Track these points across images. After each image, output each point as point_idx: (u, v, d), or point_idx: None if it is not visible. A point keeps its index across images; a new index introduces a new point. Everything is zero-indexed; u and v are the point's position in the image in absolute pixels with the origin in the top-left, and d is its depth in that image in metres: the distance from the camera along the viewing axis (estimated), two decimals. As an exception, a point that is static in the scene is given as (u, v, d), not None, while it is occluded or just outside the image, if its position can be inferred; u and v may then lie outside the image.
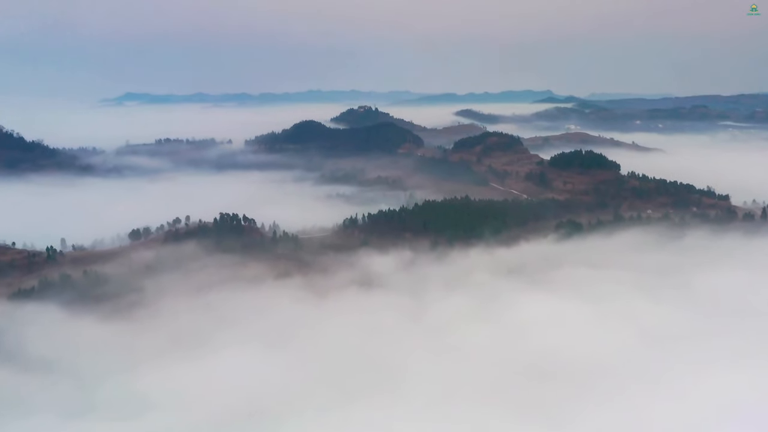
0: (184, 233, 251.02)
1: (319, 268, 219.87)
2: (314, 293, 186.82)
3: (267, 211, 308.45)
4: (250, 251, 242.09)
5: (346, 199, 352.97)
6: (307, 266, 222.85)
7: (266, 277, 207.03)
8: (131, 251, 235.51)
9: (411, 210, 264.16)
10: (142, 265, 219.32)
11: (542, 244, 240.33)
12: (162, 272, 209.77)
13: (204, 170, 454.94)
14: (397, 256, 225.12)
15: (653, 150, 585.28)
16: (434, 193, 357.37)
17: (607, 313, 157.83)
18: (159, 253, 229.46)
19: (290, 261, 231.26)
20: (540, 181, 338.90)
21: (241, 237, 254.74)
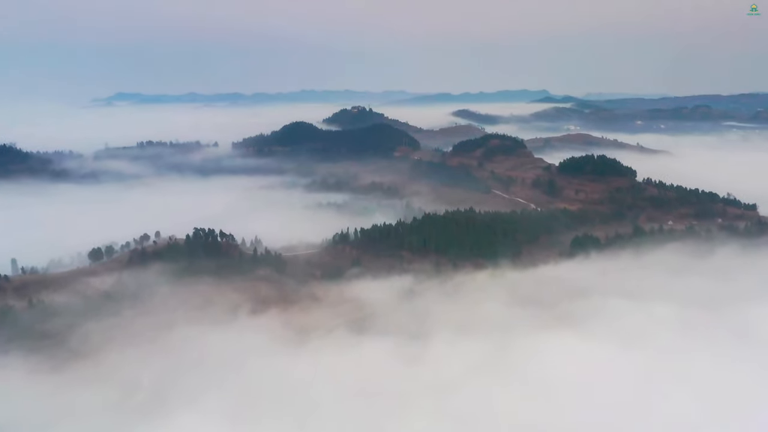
0: (152, 253, 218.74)
1: (303, 298, 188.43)
2: (295, 334, 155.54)
3: (250, 222, 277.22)
4: (225, 274, 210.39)
5: (337, 208, 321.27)
6: (289, 296, 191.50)
7: (240, 311, 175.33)
8: (89, 276, 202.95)
9: (409, 225, 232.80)
10: (98, 293, 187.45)
11: (560, 265, 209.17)
12: (120, 303, 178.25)
13: (186, 176, 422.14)
14: (394, 284, 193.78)
15: (659, 152, 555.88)
16: (433, 202, 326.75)
17: (655, 365, 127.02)
18: (120, 278, 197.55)
19: (270, 287, 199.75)
20: (549, 189, 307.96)
21: (217, 256, 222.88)
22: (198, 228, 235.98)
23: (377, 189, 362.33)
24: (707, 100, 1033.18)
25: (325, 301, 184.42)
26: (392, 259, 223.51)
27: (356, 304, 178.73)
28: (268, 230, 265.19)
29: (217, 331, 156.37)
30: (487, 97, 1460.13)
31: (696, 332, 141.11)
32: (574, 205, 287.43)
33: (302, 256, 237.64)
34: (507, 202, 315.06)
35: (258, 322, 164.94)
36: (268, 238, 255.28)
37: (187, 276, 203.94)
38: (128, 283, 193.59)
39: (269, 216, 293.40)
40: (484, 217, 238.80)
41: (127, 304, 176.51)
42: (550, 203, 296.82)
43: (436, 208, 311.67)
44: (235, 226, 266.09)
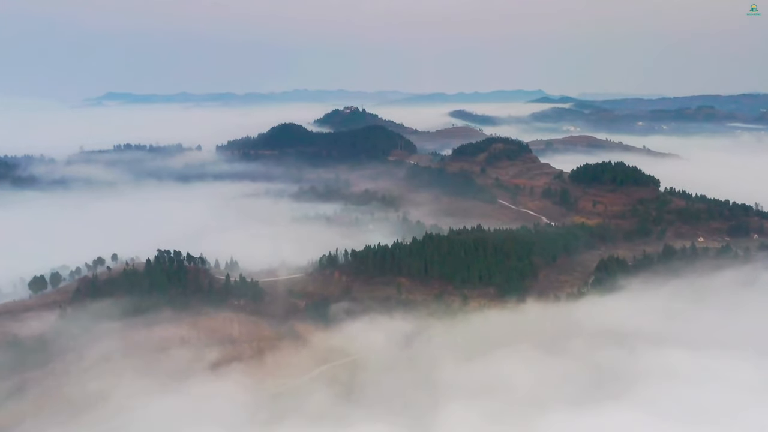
0: (104, 282, 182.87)
1: (280, 345, 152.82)
2: (266, 401, 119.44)
3: (228, 239, 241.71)
4: (190, 308, 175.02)
5: (327, 221, 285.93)
6: (262, 341, 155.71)
7: (199, 365, 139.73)
8: (23, 312, 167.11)
9: (407, 246, 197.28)
10: (31, 339, 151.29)
11: (586, 296, 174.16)
12: (49, 354, 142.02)
13: (164, 183, 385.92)
14: (390, 325, 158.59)
15: (668, 155, 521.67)
16: (433, 215, 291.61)
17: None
18: (58, 318, 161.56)
19: (242, 328, 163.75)
20: (562, 200, 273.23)
21: (182, 285, 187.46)
22: (162, 250, 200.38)
23: (371, 198, 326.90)
24: (707, 101, 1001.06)
25: (307, 349, 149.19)
26: (388, 287, 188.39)
27: (343, 358, 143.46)
28: (247, 249, 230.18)
29: (169, 397, 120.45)
30: (482, 97, 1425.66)
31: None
32: (593, 219, 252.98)
33: (284, 282, 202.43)
34: (515, 214, 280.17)
35: (221, 382, 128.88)
36: (246, 258, 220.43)
37: (141, 313, 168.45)
38: (66, 326, 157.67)
39: (250, 231, 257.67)
40: (494, 237, 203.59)
41: (58, 355, 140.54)
42: (565, 216, 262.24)
43: (436, 221, 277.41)
44: (209, 245, 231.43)
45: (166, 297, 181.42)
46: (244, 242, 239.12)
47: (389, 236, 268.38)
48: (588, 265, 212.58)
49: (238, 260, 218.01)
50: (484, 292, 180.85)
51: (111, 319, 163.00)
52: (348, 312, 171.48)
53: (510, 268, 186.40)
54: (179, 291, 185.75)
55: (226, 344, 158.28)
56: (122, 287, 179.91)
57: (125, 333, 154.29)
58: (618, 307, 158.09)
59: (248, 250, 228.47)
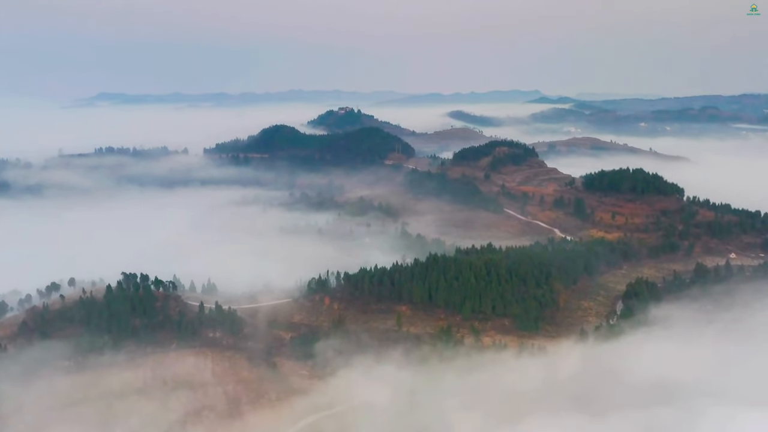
0: (55, 314, 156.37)
1: (260, 390, 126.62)
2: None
3: (208, 256, 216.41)
4: (153, 347, 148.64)
5: (318, 233, 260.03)
6: (239, 390, 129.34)
7: (163, 418, 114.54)
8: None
9: (409, 269, 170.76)
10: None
11: (619, 331, 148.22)
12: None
13: (145, 189, 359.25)
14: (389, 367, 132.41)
15: (676, 159, 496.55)
16: (434, 226, 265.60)
17: None
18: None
19: (215, 372, 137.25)
20: (576, 211, 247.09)
21: (148, 316, 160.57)
22: (127, 274, 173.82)
23: (367, 207, 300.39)
24: (708, 101, 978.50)
25: (291, 395, 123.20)
26: (386, 317, 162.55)
27: (332, 408, 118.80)
28: (228, 268, 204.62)
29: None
30: (479, 98, 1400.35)
31: None
32: (612, 232, 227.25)
33: (268, 309, 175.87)
34: (525, 226, 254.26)
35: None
36: (226, 280, 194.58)
37: (98, 351, 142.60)
38: (5, 370, 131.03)
39: (233, 246, 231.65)
40: (508, 258, 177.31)
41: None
42: (580, 229, 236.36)
43: (439, 234, 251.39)
44: (186, 263, 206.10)
45: (128, 330, 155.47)
46: (225, 260, 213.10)
47: (387, 251, 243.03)
48: (612, 287, 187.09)
49: (217, 282, 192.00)
50: (498, 325, 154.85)
51: (60, 359, 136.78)
52: (339, 350, 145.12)
53: (527, 295, 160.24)
54: (145, 323, 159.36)
55: (196, 389, 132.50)
56: (77, 320, 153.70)
57: (75, 378, 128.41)
58: (658, 348, 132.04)
59: (229, 270, 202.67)
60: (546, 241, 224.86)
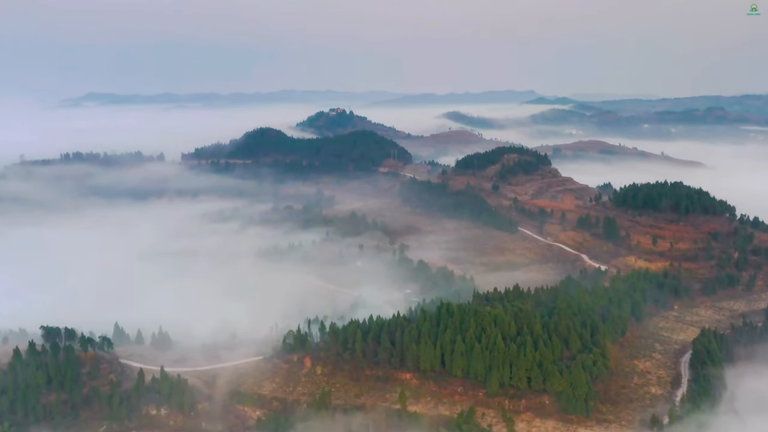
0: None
1: None
2: None
3: (163, 296, 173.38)
4: None
5: (303, 258, 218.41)
6: None
7: None
8: None
9: (416, 324, 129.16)
10: None
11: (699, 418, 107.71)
12: None
13: (112, 201, 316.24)
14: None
15: (691, 163, 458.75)
16: (439, 248, 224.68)
17: None
18: None
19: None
20: (607, 232, 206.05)
21: (69, 388, 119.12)
22: (48, 328, 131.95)
23: (359, 223, 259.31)
24: (709, 102, 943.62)
25: None
26: (385, 388, 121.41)
27: None
28: (189, 309, 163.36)
29: None
30: (473, 98, 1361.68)
31: None
32: (654, 260, 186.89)
33: (230, 373, 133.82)
34: (545, 250, 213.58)
35: None
36: (184, 326, 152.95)
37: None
38: None
39: (198, 278, 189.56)
40: (540, 305, 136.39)
41: None
42: (614, 256, 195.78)
43: (445, 260, 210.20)
44: (136, 303, 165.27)
45: (39, 411, 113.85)
46: (186, 298, 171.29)
47: (383, 282, 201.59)
48: (667, 337, 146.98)
49: (172, 330, 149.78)
50: (535, 404, 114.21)
51: None
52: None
53: (572, 361, 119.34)
54: (63, 399, 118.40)
55: None
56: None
57: None
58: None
59: (189, 312, 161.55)
60: (577, 272, 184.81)
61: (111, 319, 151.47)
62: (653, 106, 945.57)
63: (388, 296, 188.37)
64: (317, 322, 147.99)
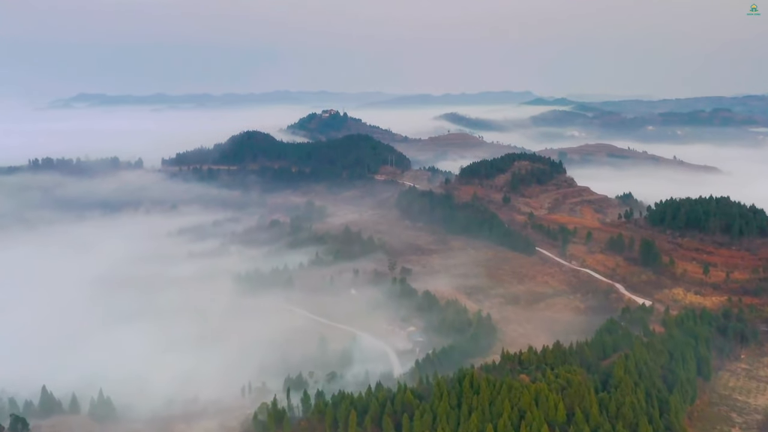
0: None
1: None
2: None
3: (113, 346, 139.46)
4: None
5: (287, 284, 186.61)
6: None
7: None
8: None
9: (425, 397, 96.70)
10: None
11: None
12: None
13: (80, 214, 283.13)
14: None
15: (705, 168, 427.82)
16: (446, 274, 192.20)
17: None
18: None
19: None
20: (645, 257, 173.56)
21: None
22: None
23: (353, 240, 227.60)
24: (710, 103, 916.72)
25: None
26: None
27: None
28: (141, 362, 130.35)
29: None
30: (470, 99, 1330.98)
31: None
32: (708, 294, 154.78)
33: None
34: (572, 277, 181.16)
35: None
36: (132, 387, 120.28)
37: None
38: None
39: (160, 320, 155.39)
40: (587, 366, 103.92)
41: None
42: (657, 287, 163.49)
43: (454, 288, 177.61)
44: (76, 355, 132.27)
45: None
46: (141, 347, 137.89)
47: (383, 318, 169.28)
48: (744, 407, 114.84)
49: (116, 394, 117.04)
50: None
51: None
52: None
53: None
54: None
55: None
56: None
57: None
58: None
59: (142, 366, 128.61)
60: (614, 306, 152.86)
61: (40, 377, 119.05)
62: (655, 107, 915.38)
63: (388, 336, 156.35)
64: (300, 382, 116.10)
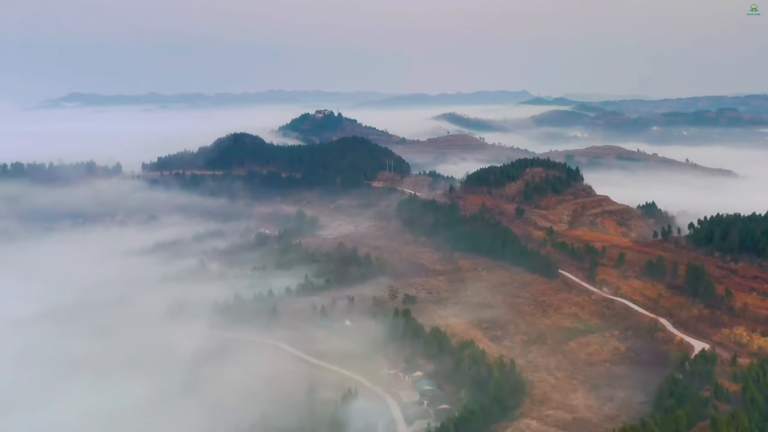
0: None
1: None
2: None
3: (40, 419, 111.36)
4: None
5: (272, 314, 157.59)
6: None
7: None
8: None
9: None
10: None
11: None
12: None
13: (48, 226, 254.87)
14: None
15: (720, 172, 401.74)
16: (456, 302, 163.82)
17: None
18: None
19: None
20: (695, 286, 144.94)
21: None
22: None
23: (348, 260, 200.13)
24: (712, 102, 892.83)
25: None
26: None
27: None
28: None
29: None
30: (466, 98, 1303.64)
31: None
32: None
33: None
34: (604, 308, 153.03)
35: None
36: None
37: None
38: None
39: (111, 376, 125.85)
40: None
41: None
42: (712, 324, 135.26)
43: (468, 322, 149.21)
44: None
45: None
46: (86, 414, 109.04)
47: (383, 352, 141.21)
48: None
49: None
50: None
51: None
52: None
53: None
54: None
55: None
56: None
57: None
58: None
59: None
60: (662, 349, 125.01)
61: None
62: (656, 107, 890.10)
63: (390, 384, 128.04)
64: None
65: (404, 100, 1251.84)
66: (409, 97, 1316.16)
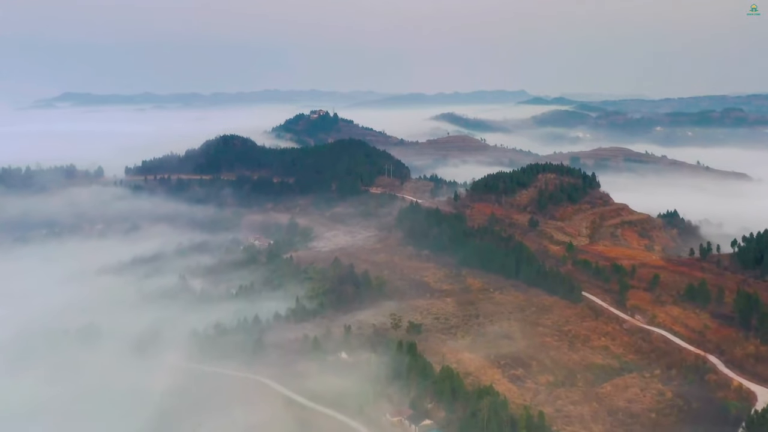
0: None
1: None
2: None
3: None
4: None
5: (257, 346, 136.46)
6: None
7: None
8: None
9: None
10: None
11: None
12: None
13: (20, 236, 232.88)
14: None
15: (734, 175, 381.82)
16: (467, 333, 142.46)
17: None
18: None
19: None
20: (746, 315, 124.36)
21: None
22: None
23: (344, 278, 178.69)
24: (714, 102, 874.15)
25: None
26: None
27: None
28: None
29: None
30: (463, 98, 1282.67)
31: None
32: None
33: None
34: (639, 339, 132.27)
35: None
36: None
37: None
38: None
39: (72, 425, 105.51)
40: None
41: None
42: (760, 359, 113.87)
43: (486, 359, 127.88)
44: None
45: None
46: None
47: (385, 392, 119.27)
48: None
49: None
50: None
51: None
52: None
53: None
54: None
55: None
56: None
57: None
58: None
59: None
60: (725, 407, 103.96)
61: None
62: (658, 107, 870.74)
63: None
64: None
65: (401, 100, 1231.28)
66: (407, 97, 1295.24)
